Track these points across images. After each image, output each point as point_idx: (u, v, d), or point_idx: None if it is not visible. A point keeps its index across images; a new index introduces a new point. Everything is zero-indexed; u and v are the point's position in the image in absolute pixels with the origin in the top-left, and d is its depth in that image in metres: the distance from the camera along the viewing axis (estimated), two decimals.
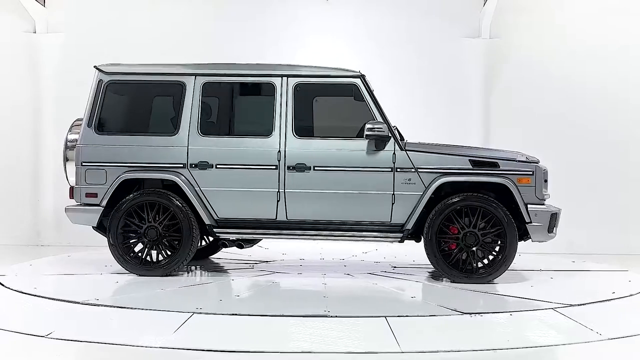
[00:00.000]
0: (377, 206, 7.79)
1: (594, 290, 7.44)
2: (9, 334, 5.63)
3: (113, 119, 8.28)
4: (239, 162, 7.92)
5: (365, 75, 7.95)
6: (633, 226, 11.39)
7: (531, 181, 7.71)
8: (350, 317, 6.06)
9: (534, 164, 7.76)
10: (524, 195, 7.68)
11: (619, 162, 11.48)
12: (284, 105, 7.95)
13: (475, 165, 7.76)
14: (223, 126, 8.31)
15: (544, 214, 7.67)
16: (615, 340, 5.58)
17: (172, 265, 8.01)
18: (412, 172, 7.75)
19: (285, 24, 11.80)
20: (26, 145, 11.83)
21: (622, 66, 11.52)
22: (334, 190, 7.84)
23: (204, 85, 8.11)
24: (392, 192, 7.76)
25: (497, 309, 6.50)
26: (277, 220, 7.95)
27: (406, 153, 7.77)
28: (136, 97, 8.41)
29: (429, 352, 5.22)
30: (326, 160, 7.85)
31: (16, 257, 10.00)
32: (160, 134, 8.10)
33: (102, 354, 5.17)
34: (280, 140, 7.90)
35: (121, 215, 8.06)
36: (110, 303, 6.47)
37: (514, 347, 5.34)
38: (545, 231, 7.68)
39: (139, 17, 11.95)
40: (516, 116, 11.61)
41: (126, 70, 8.28)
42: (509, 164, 7.75)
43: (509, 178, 7.70)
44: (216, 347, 5.24)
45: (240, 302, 6.72)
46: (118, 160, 8.07)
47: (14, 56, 11.87)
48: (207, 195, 7.99)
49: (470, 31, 11.71)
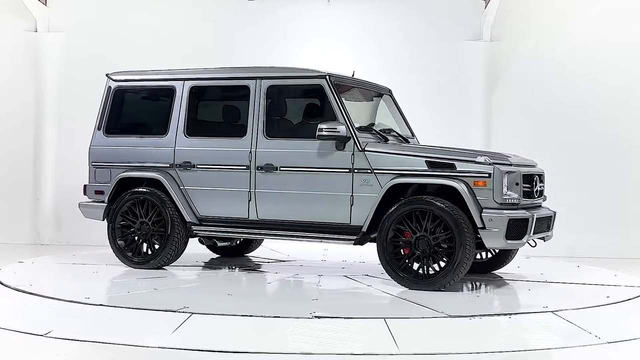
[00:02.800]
0: (337, 207, 7.66)
1: (593, 293, 7.43)
2: (8, 332, 5.63)
3: (117, 122, 8.87)
4: (216, 162, 8.23)
5: (331, 75, 7.86)
6: (633, 230, 11.38)
7: (488, 184, 7.12)
8: (349, 318, 6.05)
9: (493, 166, 7.15)
10: (481, 199, 7.13)
11: (620, 164, 11.46)
12: (257, 107, 8.08)
13: (431, 166, 7.35)
14: (205, 128, 8.60)
15: (501, 220, 7.02)
16: (614, 343, 5.58)
17: (158, 259, 8.41)
18: (369, 173, 7.54)
19: (286, 24, 11.79)
20: (27, 144, 11.82)
21: (623, 68, 11.50)
22: (297, 191, 7.85)
23: (190, 89, 8.49)
24: (350, 193, 7.61)
25: (495, 311, 6.50)
26: (250, 219, 8.11)
27: (364, 154, 7.57)
28: (136, 101, 9.02)
29: (428, 354, 5.22)
30: (290, 160, 7.89)
31: (15, 255, 10.00)
32: (154, 136, 8.59)
33: (101, 353, 5.17)
34: (252, 142, 8.06)
35: (117, 211, 8.61)
36: (109, 302, 6.47)
37: (513, 350, 5.33)
38: (501, 237, 7.04)
39: (140, 16, 11.95)
40: (518, 118, 11.60)
41: (129, 77, 8.89)
42: (466, 165, 7.25)
43: (464, 180, 7.20)
44: (215, 348, 5.24)
45: (239, 302, 6.72)
46: (119, 160, 8.72)
47: (16, 55, 11.88)
48: (190, 194, 8.37)
49: (471, 34, 11.71)
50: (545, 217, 7.77)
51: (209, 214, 8.34)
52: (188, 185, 8.38)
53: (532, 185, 7.62)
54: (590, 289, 7.86)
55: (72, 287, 7.34)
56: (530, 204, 7.63)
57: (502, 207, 7.15)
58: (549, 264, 9.63)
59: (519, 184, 7.31)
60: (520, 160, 7.75)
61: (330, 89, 7.76)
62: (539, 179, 7.82)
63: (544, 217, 7.71)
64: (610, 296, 7.22)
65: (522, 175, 7.38)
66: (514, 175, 7.28)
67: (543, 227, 7.73)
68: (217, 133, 8.44)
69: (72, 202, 11.73)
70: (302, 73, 8.02)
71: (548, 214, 7.89)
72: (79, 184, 11.70)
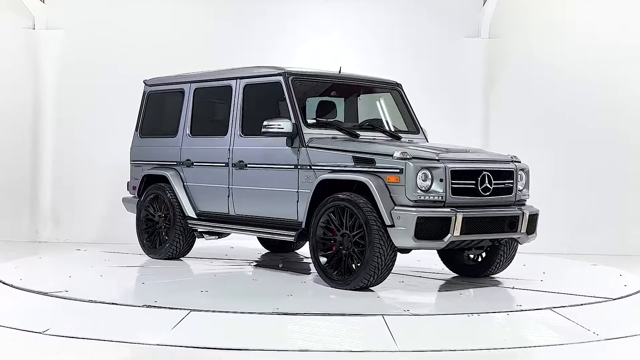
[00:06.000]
0: (287, 204, 7.69)
1: (592, 290, 7.43)
2: (7, 330, 5.63)
3: (147, 125, 9.52)
4: (206, 160, 8.61)
5: (289, 73, 7.85)
6: (631, 227, 11.40)
7: (400, 180, 6.78)
8: (347, 315, 6.06)
9: (405, 161, 6.78)
10: (395, 196, 6.80)
11: (618, 161, 11.47)
12: (236, 106, 8.30)
13: (357, 162, 7.14)
14: (202, 127, 8.85)
15: (408, 217, 6.64)
16: (612, 340, 5.59)
17: (163, 251, 8.98)
18: (309, 169, 7.51)
19: (285, 24, 11.78)
20: (25, 142, 11.81)
21: (622, 65, 11.51)
22: (258, 187, 8.01)
23: (195, 91, 8.89)
24: (296, 189, 7.60)
25: (494, 308, 6.50)
26: (229, 214, 8.38)
27: (306, 150, 7.54)
28: (160, 104, 9.51)
29: (426, 351, 5.23)
30: (255, 158, 8.04)
31: (14, 253, 10.00)
32: (170, 136, 9.07)
33: (99, 351, 5.17)
34: (230, 140, 8.31)
35: (142, 206, 9.25)
36: (107, 300, 6.47)
37: (511, 347, 5.34)
38: (409, 237, 6.65)
39: (138, 13, 11.93)
40: (516, 115, 11.60)
41: (155, 82, 9.48)
42: (384, 161, 6.93)
43: (380, 176, 6.92)
44: (214, 345, 5.25)
45: (238, 299, 6.72)
46: (146, 159, 9.38)
47: (14, 52, 11.86)
48: (190, 190, 8.80)
49: (469, 31, 11.71)
50: (499, 217, 7.14)
51: (204, 210, 8.69)
52: (189, 182, 8.82)
53: (478, 182, 7.02)
54: (588, 285, 7.87)
55: (71, 284, 7.33)
56: (484, 202, 7.07)
57: (417, 204, 6.74)
58: (545, 261, 9.63)
59: (444, 180, 6.81)
60: (465, 154, 7.25)
61: (287, 85, 7.78)
62: (498, 176, 7.19)
63: (491, 216, 7.07)
64: (608, 293, 7.23)
65: (450, 170, 6.85)
66: (437, 170, 6.81)
67: (494, 227, 7.12)
68: (209, 132, 8.72)
69: (70, 200, 11.79)
70: (265, 71, 8.11)
71: (509, 213, 7.21)
72: (77, 181, 11.78)
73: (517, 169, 7.46)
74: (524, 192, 7.56)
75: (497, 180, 7.20)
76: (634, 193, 11.45)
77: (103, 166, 11.67)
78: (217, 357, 5.08)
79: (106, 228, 11.65)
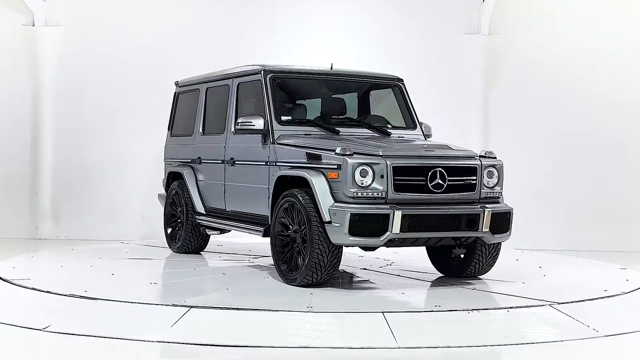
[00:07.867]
0: (261, 200, 7.73)
1: (591, 287, 7.42)
2: (7, 327, 5.64)
3: (177, 124, 9.77)
4: (210, 158, 8.80)
5: (267, 70, 7.86)
6: (631, 224, 11.40)
7: (339, 176, 6.69)
8: (347, 312, 6.06)
9: (342, 157, 6.69)
10: (335, 192, 6.72)
11: (618, 159, 11.48)
12: (231, 105, 8.43)
13: (309, 158, 7.09)
14: (210, 126, 9.01)
15: (342, 214, 6.56)
16: (611, 337, 5.59)
17: (178, 245, 9.36)
18: (274, 166, 7.53)
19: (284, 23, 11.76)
20: (24, 138, 11.81)
21: (621, 63, 11.51)
22: (242, 184, 8.15)
23: (206, 90, 9.07)
24: (267, 186, 7.60)
25: (494, 305, 6.50)
26: (225, 210, 8.56)
27: (274, 147, 7.56)
28: (184, 105, 9.67)
29: (426, 347, 5.24)
30: (240, 155, 8.17)
31: (14, 250, 10.00)
32: (189, 135, 9.32)
33: (99, 347, 5.17)
34: (225, 137, 8.46)
35: (166, 202, 9.57)
36: (107, 297, 6.47)
37: (511, 344, 5.35)
38: (342, 233, 6.57)
39: (137, 10, 11.92)
40: (515, 112, 11.61)
41: (185, 83, 9.66)
42: (328, 157, 6.85)
43: (323, 172, 6.85)
44: (213, 342, 5.25)
45: (237, 296, 6.72)
46: (174, 157, 9.67)
47: (13, 49, 11.85)
48: (200, 186, 9.05)
49: (469, 27, 11.71)
50: (450, 215, 6.86)
51: (210, 206, 8.90)
52: (199, 179, 9.08)
53: (428, 179, 6.81)
54: (588, 282, 7.87)
55: (71, 281, 7.34)
56: (435, 200, 6.86)
57: (355, 200, 6.64)
58: (545, 257, 9.64)
59: (385, 177, 6.66)
60: (417, 150, 7.09)
61: (265, 82, 7.81)
62: (454, 172, 6.94)
63: (439, 214, 6.83)
64: (608, 289, 7.23)
65: (392, 167, 6.68)
66: (378, 166, 6.66)
67: (444, 225, 6.86)
68: (213, 130, 8.86)
69: (70, 197, 11.78)
70: (250, 70, 8.15)
71: (466, 211, 6.92)
72: (76, 178, 11.78)
73: (482, 165, 7.09)
74: (496, 189, 7.19)
75: (454, 177, 6.95)
76: (635, 189, 11.45)
77: (102, 162, 11.67)
78: (217, 353, 5.08)
79: (106, 225, 11.65)
